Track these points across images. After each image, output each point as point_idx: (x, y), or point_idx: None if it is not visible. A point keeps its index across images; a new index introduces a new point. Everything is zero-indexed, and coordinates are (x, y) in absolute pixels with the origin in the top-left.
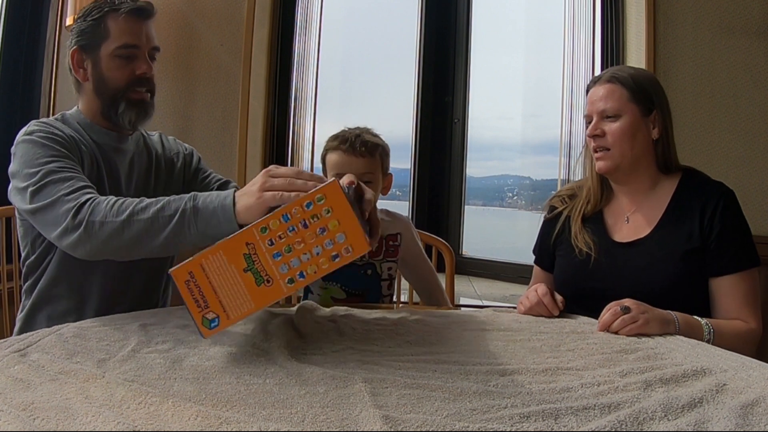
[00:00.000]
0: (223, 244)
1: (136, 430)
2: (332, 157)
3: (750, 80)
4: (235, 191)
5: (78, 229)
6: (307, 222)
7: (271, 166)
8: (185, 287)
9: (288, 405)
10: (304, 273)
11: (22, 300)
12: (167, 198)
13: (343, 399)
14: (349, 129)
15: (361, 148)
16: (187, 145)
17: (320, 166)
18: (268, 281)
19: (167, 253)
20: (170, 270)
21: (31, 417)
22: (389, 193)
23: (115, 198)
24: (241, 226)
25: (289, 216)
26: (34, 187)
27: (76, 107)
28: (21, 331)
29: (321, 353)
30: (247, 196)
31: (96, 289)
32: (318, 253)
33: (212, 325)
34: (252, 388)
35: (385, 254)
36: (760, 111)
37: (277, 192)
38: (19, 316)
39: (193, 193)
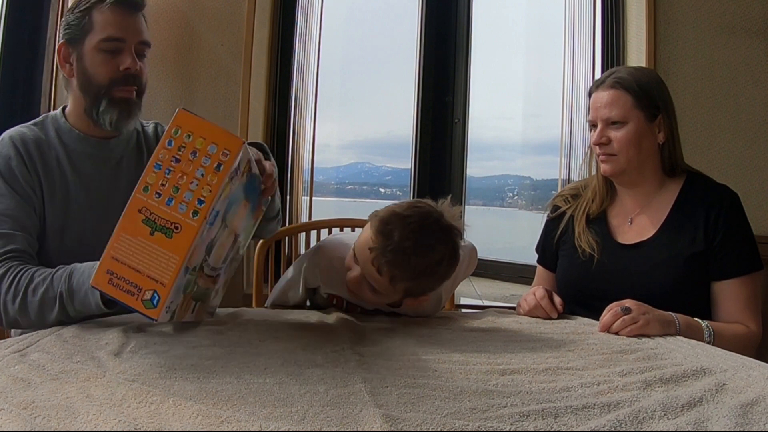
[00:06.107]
0: (121, 226)
1: (137, 429)
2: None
3: (750, 80)
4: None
5: None
6: (177, 156)
7: None
8: (111, 287)
9: (288, 404)
10: (202, 199)
11: None
12: (58, 273)
13: (343, 398)
14: (404, 222)
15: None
16: None
17: (320, 166)
18: (176, 228)
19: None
20: (90, 282)
21: (33, 416)
22: (391, 192)
23: (14, 274)
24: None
25: (160, 163)
26: None
27: (61, 108)
28: (20, 333)
29: (321, 353)
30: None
31: None
32: (202, 175)
33: (154, 301)
34: (252, 387)
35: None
36: (761, 111)
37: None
38: None
39: (73, 266)
